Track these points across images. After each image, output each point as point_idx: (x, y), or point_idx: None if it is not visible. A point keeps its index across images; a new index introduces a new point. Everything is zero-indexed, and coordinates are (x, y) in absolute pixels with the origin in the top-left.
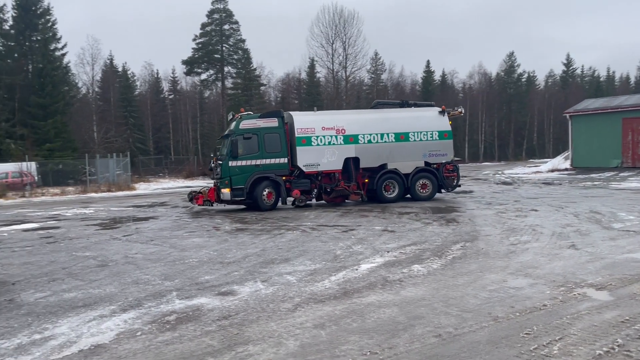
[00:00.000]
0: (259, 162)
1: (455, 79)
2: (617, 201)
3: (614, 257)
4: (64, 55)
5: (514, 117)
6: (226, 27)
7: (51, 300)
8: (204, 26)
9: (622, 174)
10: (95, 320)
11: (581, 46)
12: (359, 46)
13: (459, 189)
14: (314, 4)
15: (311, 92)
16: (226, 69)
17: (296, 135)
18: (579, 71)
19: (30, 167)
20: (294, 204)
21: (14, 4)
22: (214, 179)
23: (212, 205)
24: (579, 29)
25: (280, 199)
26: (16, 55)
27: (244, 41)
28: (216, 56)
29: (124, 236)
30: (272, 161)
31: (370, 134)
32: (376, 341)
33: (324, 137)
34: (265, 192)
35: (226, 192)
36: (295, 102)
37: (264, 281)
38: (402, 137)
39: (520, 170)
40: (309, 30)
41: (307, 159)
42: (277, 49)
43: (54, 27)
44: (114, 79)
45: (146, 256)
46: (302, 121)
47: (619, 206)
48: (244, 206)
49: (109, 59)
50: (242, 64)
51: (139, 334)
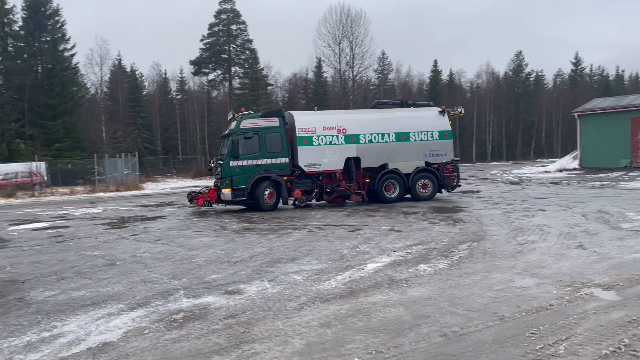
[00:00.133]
0: (260, 162)
1: (462, 78)
2: (625, 201)
3: (621, 257)
4: (72, 56)
5: (522, 116)
6: (233, 27)
7: (60, 298)
8: (211, 26)
9: (631, 174)
10: (103, 318)
11: (590, 45)
12: (366, 46)
13: (467, 188)
14: (321, 4)
15: (318, 92)
16: (233, 69)
17: (297, 135)
18: (587, 70)
19: (39, 167)
20: (295, 204)
21: (23, 5)
22: (215, 179)
23: (211, 205)
24: (588, 28)
25: (281, 199)
26: (26, 56)
27: (251, 41)
28: (224, 56)
29: (132, 235)
30: (273, 161)
31: (371, 134)
32: (382, 340)
33: (325, 136)
34: (266, 192)
35: (227, 192)
36: (302, 102)
37: (271, 280)
38: (402, 137)
39: (528, 170)
40: (316, 30)
41: (308, 158)
42: (284, 49)
43: (63, 28)
44: (123, 79)
45: (154, 255)
46: (303, 121)
47: (628, 206)
48: (243, 207)
49: (117, 60)
50: (250, 64)
51: (147, 332)
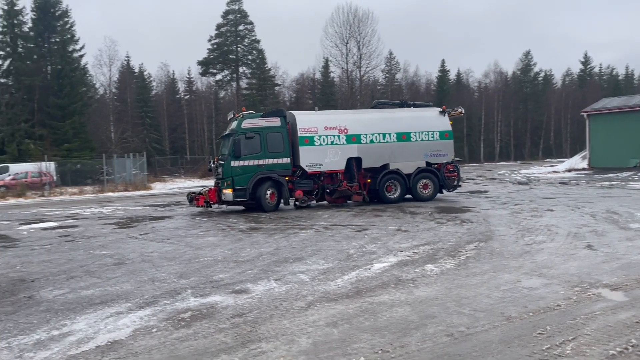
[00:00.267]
0: (261, 162)
1: (470, 78)
2: (635, 201)
3: (630, 257)
4: (81, 56)
5: (531, 116)
6: (241, 27)
7: (69, 297)
8: (219, 27)
9: None
10: (112, 317)
11: (599, 44)
12: (374, 46)
13: (474, 188)
14: (329, 4)
15: (325, 92)
16: (241, 70)
17: (299, 135)
18: (596, 70)
19: (49, 167)
20: (296, 204)
21: (33, 6)
22: (215, 179)
23: (210, 206)
24: (597, 27)
25: (282, 200)
26: (35, 56)
27: (258, 41)
28: (231, 57)
29: (140, 235)
30: (275, 161)
31: (372, 134)
32: (388, 340)
33: (327, 136)
34: (268, 193)
35: (228, 192)
36: (309, 102)
37: (278, 280)
38: (403, 137)
39: (536, 170)
40: (323, 30)
41: (309, 158)
42: (292, 49)
43: (72, 29)
44: (131, 79)
45: (162, 255)
46: (305, 120)
47: (637, 206)
48: (243, 207)
49: (125, 60)
50: (257, 64)
51: (155, 330)
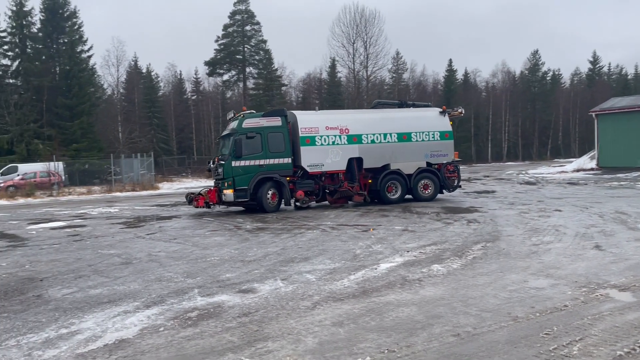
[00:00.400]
0: (262, 162)
1: (478, 77)
2: None
3: (638, 258)
4: (90, 57)
5: (539, 116)
6: (248, 28)
7: (77, 296)
8: (226, 27)
9: None
10: (119, 315)
11: (608, 43)
12: (380, 45)
13: (482, 188)
14: (335, 4)
15: (332, 92)
16: (248, 70)
17: (300, 134)
18: (605, 69)
19: (57, 166)
20: (296, 205)
21: (41, 7)
22: (215, 179)
23: (209, 207)
24: (606, 26)
25: (283, 200)
26: (44, 57)
27: (265, 42)
28: (238, 57)
29: (148, 235)
30: (276, 161)
31: (373, 134)
32: (394, 339)
33: (328, 136)
34: (269, 193)
35: (229, 193)
36: (316, 102)
37: (284, 279)
38: (404, 137)
39: (544, 170)
40: (330, 30)
41: (311, 159)
42: (298, 49)
43: (81, 29)
44: (138, 80)
45: (169, 254)
46: (306, 120)
47: None
48: (242, 208)
49: (133, 61)
50: (264, 65)
51: (162, 329)
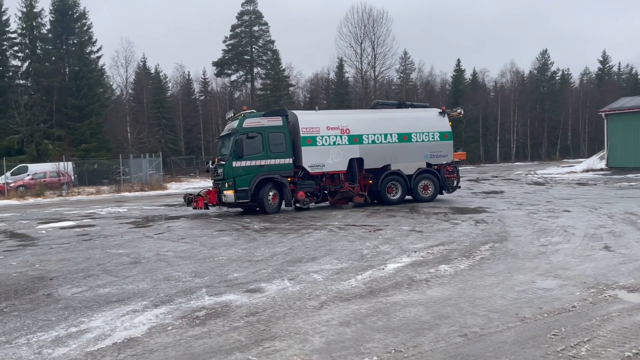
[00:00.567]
0: (263, 162)
1: (486, 77)
2: None
3: None
4: (99, 58)
5: (548, 116)
6: (256, 28)
7: (87, 295)
8: (234, 28)
9: None
10: (128, 314)
11: (618, 43)
12: (388, 45)
13: (490, 189)
14: (343, 4)
15: (339, 92)
16: (256, 70)
17: (301, 135)
18: (615, 69)
19: (67, 167)
20: (296, 206)
21: (51, 8)
22: (215, 180)
23: (208, 208)
24: (616, 25)
25: (283, 201)
26: (54, 58)
27: (273, 42)
28: (246, 57)
29: (156, 234)
30: (277, 161)
31: (374, 134)
32: (401, 339)
33: (329, 137)
34: (270, 194)
35: (230, 194)
36: (323, 102)
37: (291, 279)
38: (404, 137)
39: (553, 170)
40: (338, 30)
41: (312, 159)
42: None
43: (90, 30)
44: (147, 80)
45: (177, 254)
46: (307, 120)
47: None
48: (241, 209)
49: (142, 62)
50: (271, 65)
51: (170, 328)
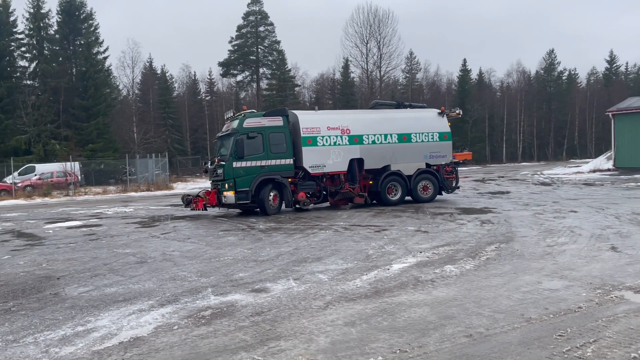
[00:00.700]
0: (264, 163)
1: (492, 77)
2: None
3: None
4: (105, 58)
5: (554, 116)
6: (261, 29)
7: (93, 294)
8: (239, 28)
9: None
10: (134, 314)
11: (625, 42)
12: (394, 45)
13: (496, 189)
14: (349, 5)
15: (345, 92)
16: (261, 70)
17: (302, 135)
18: (622, 68)
19: (74, 167)
20: (296, 207)
21: (58, 9)
22: (214, 180)
23: (206, 209)
24: (623, 25)
25: (283, 202)
26: (61, 59)
27: (278, 42)
28: (252, 58)
29: (162, 234)
30: (278, 162)
31: (374, 135)
32: (406, 340)
33: (330, 137)
34: (271, 195)
35: (230, 195)
36: (329, 102)
37: (297, 279)
38: (404, 138)
39: (560, 170)
40: (344, 30)
41: (313, 159)
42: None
43: (97, 31)
44: (153, 81)
45: (183, 254)
46: (307, 120)
47: None
48: (240, 210)
49: (148, 62)
50: (277, 65)
51: (176, 327)
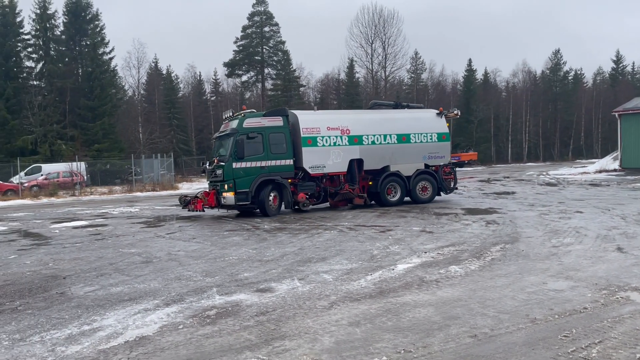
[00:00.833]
0: (264, 163)
1: (498, 77)
2: None
3: None
4: (111, 59)
5: (560, 116)
6: (266, 29)
7: (99, 293)
8: (244, 28)
9: None
10: (140, 313)
11: (632, 42)
12: (399, 46)
13: (501, 189)
14: (354, 5)
15: (350, 93)
16: (266, 71)
17: (302, 135)
18: (629, 68)
19: (80, 167)
20: (295, 208)
21: (64, 10)
22: (212, 181)
23: (204, 210)
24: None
25: (283, 203)
26: (67, 59)
27: (283, 43)
28: (257, 58)
29: (168, 234)
30: (278, 163)
31: (374, 135)
32: (411, 340)
33: (330, 137)
34: (271, 196)
35: (230, 196)
36: (334, 102)
37: (301, 279)
38: (403, 138)
39: (566, 171)
40: (349, 30)
41: (313, 160)
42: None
43: (102, 32)
44: (159, 81)
45: (188, 253)
46: (307, 120)
47: None
48: (237, 212)
49: (153, 62)
50: (282, 66)
51: (181, 327)
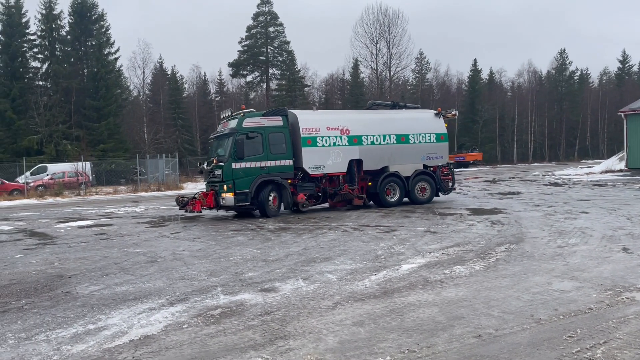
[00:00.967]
0: (264, 164)
1: (503, 77)
2: None
3: None
4: (116, 59)
5: (566, 116)
6: (271, 29)
7: (104, 293)
8: (249, 29)
9: None
10: (145, 312)
11: (638, 42)
12: (404, 46)
13: (507, 190)
14: (359, 5)
15: (355, 93)
16: (271, 71)
17: (301, 135)
18: (635, 68)
19: (85, 166)
20: (294, 208)
21: (70, 11)
22: (210, 182)
23: (201, 211)
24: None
25: (282, 204)
26: (72, 59)
27: (288, 43)
28: (261, 58)
29: (172, 234)
30: (278, 163)
31: (373, 135)
32: (415, 340)
33: (329, 137)
34: (271, 197)
35: (229, 197)
36: (338, 102)
37: (305, 279)
38: (402, 138)
39: (571, 171)
40: (353, 30)
41: (312, 160)
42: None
43: (108, 32)
44: (164, 81)
45: (193, 253)
46: (307, 120)
47: None
48: (235, 212)
49: (158, 63)
50: (287, 66)
51: (186, 326)
